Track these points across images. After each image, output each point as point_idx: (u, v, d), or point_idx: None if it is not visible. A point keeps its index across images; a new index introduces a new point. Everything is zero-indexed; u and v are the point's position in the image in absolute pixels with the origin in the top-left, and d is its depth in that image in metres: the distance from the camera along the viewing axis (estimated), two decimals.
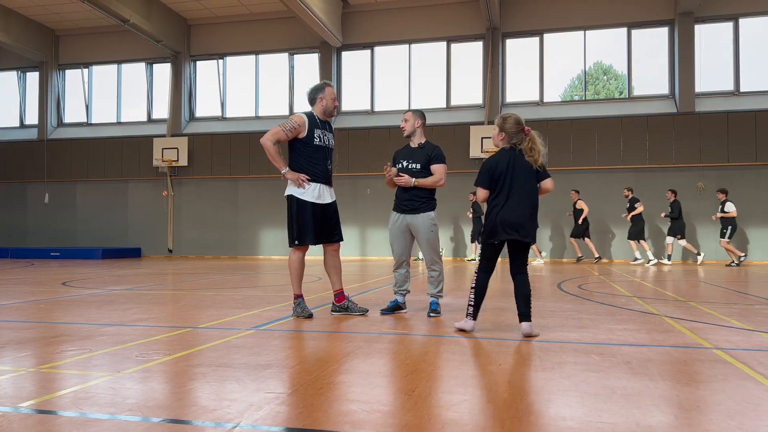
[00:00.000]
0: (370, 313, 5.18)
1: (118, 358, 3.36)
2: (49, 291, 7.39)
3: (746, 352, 3.55)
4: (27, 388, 2.77)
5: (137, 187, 19.00)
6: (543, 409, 2.42)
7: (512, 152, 4.20)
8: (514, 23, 16.73)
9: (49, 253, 17.45)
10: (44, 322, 4.78)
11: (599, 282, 8.81)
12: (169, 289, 7.88)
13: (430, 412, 2.37)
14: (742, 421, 2.26)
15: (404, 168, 5.18)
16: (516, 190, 4.12)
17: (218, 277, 10.01)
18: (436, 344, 3.92)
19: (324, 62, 17.70)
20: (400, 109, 17.18)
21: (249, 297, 6.69)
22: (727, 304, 6.06)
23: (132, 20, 16.04)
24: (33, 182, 19.70)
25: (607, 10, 16.16)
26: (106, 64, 19.81)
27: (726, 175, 14.92)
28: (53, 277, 9.82)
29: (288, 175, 4.91)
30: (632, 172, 15.59)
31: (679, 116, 15.40)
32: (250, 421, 2.23)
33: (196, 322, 4.77)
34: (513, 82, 16.94)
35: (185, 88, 18.92)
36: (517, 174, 4.13)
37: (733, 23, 15.56)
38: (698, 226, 15.09)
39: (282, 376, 2.99)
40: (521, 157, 4.16)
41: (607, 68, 18.16)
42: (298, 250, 5.02)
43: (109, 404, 2.45)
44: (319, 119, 5.05)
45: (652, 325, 4.61)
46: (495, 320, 4.90)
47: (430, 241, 5.15)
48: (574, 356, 3.45)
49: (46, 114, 19.78)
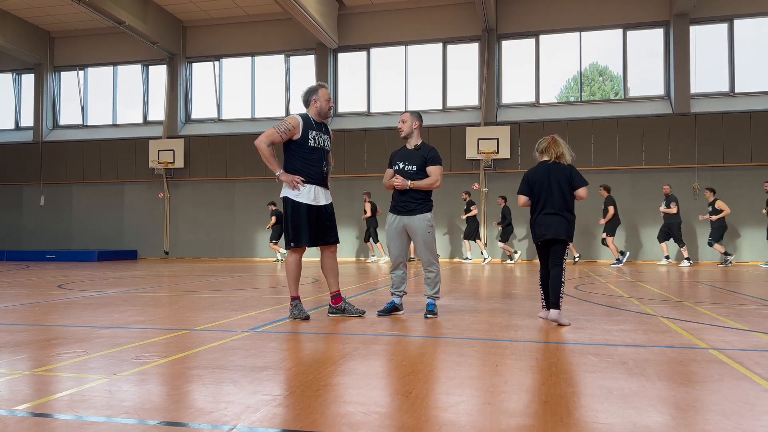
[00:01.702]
0: (367, 315, 5.17)
1: (115, 360, 3.35)
2: (44, 293, 7.36)
3: (742, 352, 3.56)
4: (23, 391, 2.76)
5: (133, 189, 18.96)
6: (540, 410, 2.42)
7: (547, 164, 4.88)
8: (510, 24, 16.76)
9: (44, 256, 17.38)
10: (40, 325, 4.76)
11: (596, 283, 8.82)
12: (165, 291, 7.86)
13: (427, 414, 2.37)
14: (738, 421, 2.26)
15: (400, 169, 5.18)
16: (550, 197, 4.77)
17: (215, 279, 9.99)
18: (433, 345, 3.93)
19: (320, 64, 17.70)
20: (397, 110, 17.18)
21: (245, 299, 6.68)
22: (723, 305, 6.08)
23: (127, 22, 16.01)
24: (28, 184, 19.63)
25: (603, 12, 16.21)
26: (101, 66, 19.77)
27: (721, 175, 14.97)
28: (49, 279, 9.79)
29: (282, 177, 4.90)
30: (628, 172, 15.62)
31: (675, 117, 15.45)
32: (246, 423, 2.23)
33: (192, 324, 4.76)
34: (509, 83, 16.96)
35: (181, 90, 18.89)
36: (552, 183, 4.78)
37: (728, 24, 15.62)
38: (696, 226, 15.13)
39: (279, 378, 2.98)
40: (556, 167, 4.83)
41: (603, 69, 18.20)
42: (294, 252, 5.02)
43: (106, 407, 2.44)
44: (314, 121, 5.04)
45: (648, 325, 4.62)
46: (491, 321, 4.90)
47: (427, 242, 5.15)
48: (570, 357, 3.46)
49: (41, 116, 19.72)
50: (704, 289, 8.02)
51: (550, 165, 4.85)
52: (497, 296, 6.92)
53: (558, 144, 4.89)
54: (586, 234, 15.19)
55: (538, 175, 4.85)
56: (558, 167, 4.83)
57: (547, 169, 4.84)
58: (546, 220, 4.78)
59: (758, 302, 6.31)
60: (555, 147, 4.88)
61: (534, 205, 4.88)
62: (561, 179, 4.77)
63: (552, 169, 4.82)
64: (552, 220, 4.76)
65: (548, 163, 4.87)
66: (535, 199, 4.86)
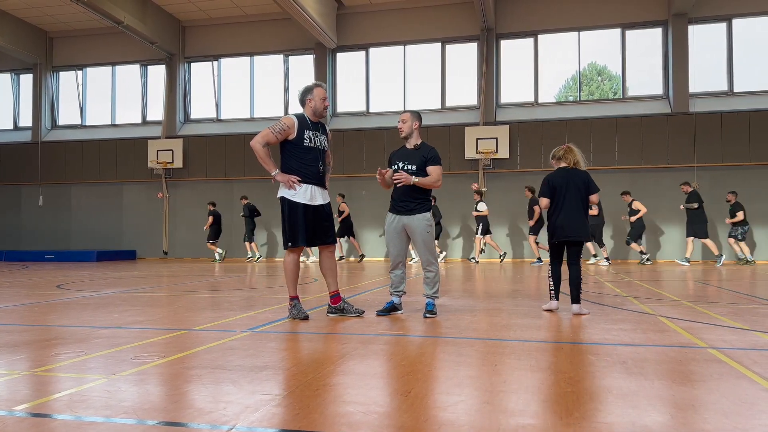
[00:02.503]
0: (366, 315, 5.17)
1: (114, 360, 3.35)
2: (43, 294, 7.35)
3: (741, 351, 3.57)
4: (22, 391, 2.75)
5: (132, 190, 18.94)
6: (539, 410, 2.42)
7: (566, 170, 5.35)
8: (509, 24, 16.77)
9: (43, 256, 17.37)
10: (39, 325, 4.76)
11: (595, 282, 8.83)
12: (164, 291, 7.85)
13: (426, 413, 2.37)
14: (737, 420, 2.26)
15: (400, 169, 5.18)
16: (569, 200, 5.23)
17: (213, 279, 9.98)
18: (433, 345, 3.93)
19: (319, 64, 17.69)
20: (395, 110, 17.18)
21: (244, 299, 6.68)
22: (721, 304, 6.08)
23: (126, 22, 16.00)
24: (27, 184, 19.61)
25: (601, 11, 16.22)
26: (100, 66, 19.75)
27: (720, 175, 14.98)
28: (48, 279, 9.78)
29: (278, 177, 4.89)
30: (627, 172, 15.64)
31: (673, 116, 15.46)
32: (246, 423, 2.23)
33: (191, 324, 4.76)
34: (508, 83, 16.96)
35: (180, 90, 18.88)
36: (570, 188, 5.24)
37: (727, 24, 15.63)
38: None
39: (278, 377, 2.98)
40: (575, 173, 5.31)
41: (602, 69, 18.20)
42: (292, 252, 5.02)
43: (105, 407, 2.44)
44: (309, 120, 5.04)
45: (647, 324, 4.63)
46: (491, 321, 4.91)
47: (426, 242, 5.16)
48: (570, 356, 3.46)
49: (40, 116, 19.70)
50: (703, 288, 8.03)
51: (569, 170, 5.33)
52: (496, 296, 6.92)
53: (573, 152, 5.38)
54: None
55: (558, 180, 5.29)
56: (577, 173, 5.32)
57: (567, 174, 5.31)
58: (567, 221, 5.22)
59: (757, 301, 6.31)
60: (571, 155, 5.38)
61: (553, 207, 5.31)
62: (579, 184, 5.25)
63: (571, 174, 5.30)
64: (573, 223, 5.22)
65: (567, 169, 5.35)
66: (555, 201, 5.28)
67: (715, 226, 14.67)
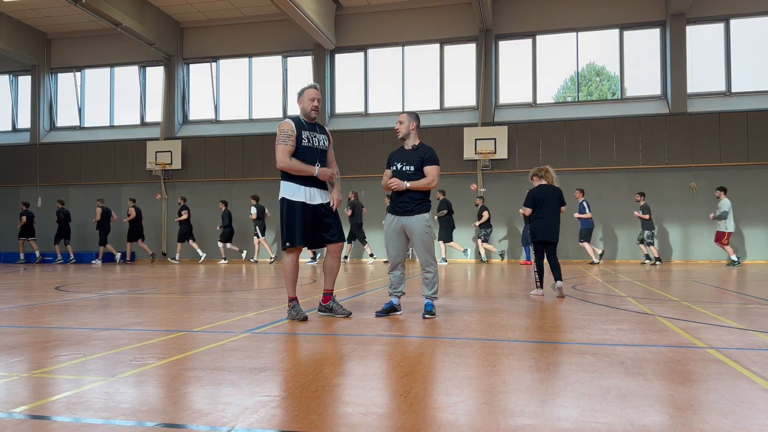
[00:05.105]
0: (366, 316, 5.17)
1: (112, 362, 3.35)
2: (42, 295, 7.34)
3: (739, 351, 3.57)
4: (20, 393, 2.75)
5: (131, 191, 18.91)
6: (538, 410, 2.42)
7: (546, 186, 6.87)
8: (507, 25, 16.78)
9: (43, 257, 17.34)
10: (37, 327, 4.76)
11: (594, 282, 8.84)
12: (163, 292, 7.85)
13: (425, 414, 2.37)
14: (735, 420, 2.27)
15: (398, 170, 5.19)
16: (547, 210, 6.75)
17: (212, 280, 9.98)
18: (432, 346, 3.93)
19: (317, 65, 17.70)
20: (394, 111, 17.19)
21: (243, 300, 6.68)
22: (720, 304, 6.09)
23: (124, 23, 16.00)
24: (26, 186, 19.59)
25: (599, 12, 16.24)
26: (98, 68, 19.74)
27: (718, 175, 15.00)
28: (46, 281, 9.77)
29: (320, 174, 4.95)
30: (625, 172, 15.66)
31: (672, 117, 15.48)
32: (245, 424, 2.23)
33: (190, 325, 4.76)
34: (506, 83, 16.98)
35: (178, 91, 18.87)
36: (549, 200, 6.77)
37: (724, 24, 15.66)
38: (691, 226, 15.17)
39: (277, 379, 2.98)
40: (552, 189, 6.83)
41: (600, 69, 18.22)
42: (291, 253, 5.01)
43: (104, 409, 2.43)
44: (304, 121, 5.07)
45: (646, 325, 4.63)
46: (489, 321, 4.91)
47: (425, 242, 5.16)
48: (568, 356, 3.46)
49: (38, 118, 19.69)
50: (701, 288, 8.04)
51: (548, 186, 6.85)
52: (494, 297, 6.92)
53: (550, 172, 6.96)
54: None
55: (540, 194, 6.79)
56: (553, 189, 6.84)
57: (547, 189, 6.83)
58: (547, 226, 6.74)
59: (755, 301, 6.32)
60: (549, 174, 6.92)
61: (535, 214, 6.81)
62: (555, 197, 6.78)
63: (550, 190, 6.82)
64: (551, 227, 6.76)
65: (546, 185, 6.86)
66: (536, 210, 6.78)
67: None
